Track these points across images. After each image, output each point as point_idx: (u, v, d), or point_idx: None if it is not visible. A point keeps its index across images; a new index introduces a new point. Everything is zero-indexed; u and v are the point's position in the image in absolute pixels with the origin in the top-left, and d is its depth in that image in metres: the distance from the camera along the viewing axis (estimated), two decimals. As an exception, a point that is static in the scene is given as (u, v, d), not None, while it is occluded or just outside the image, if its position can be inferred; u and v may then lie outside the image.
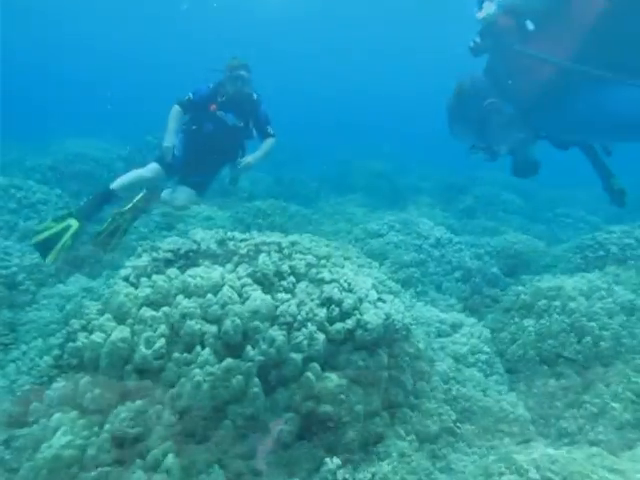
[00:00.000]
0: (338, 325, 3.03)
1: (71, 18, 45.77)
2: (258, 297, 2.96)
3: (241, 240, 3.55)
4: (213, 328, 2.82)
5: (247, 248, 3.41)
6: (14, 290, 4.86)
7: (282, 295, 3.14)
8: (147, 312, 2.90)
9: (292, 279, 3.31)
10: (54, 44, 48.88)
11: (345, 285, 3.29)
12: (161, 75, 44.46)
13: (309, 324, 2.95)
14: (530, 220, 12.17)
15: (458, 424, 3.47)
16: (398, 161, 19.75)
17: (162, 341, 2.79)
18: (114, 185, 4.86)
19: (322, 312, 3.04)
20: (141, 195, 5.09)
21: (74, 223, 4.57)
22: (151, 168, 5.04)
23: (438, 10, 42.94)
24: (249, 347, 2.79)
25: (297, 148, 19.34)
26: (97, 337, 2.83)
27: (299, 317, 2.96)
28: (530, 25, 2.86)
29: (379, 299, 3.39)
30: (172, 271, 3.21)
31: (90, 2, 41.99)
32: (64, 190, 8.64)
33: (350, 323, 3.06)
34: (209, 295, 2.95)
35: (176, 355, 2.78)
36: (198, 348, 2.79)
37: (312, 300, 3.12)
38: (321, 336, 2.93)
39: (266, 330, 2.86)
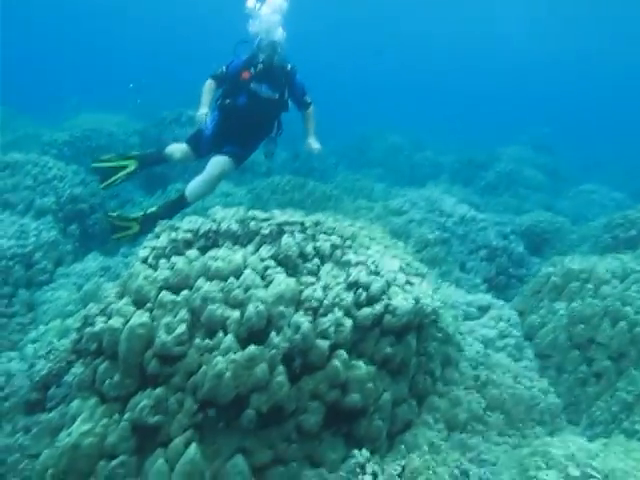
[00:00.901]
0: (366, 310, 2.89)
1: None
2: (282, 281, 2.82)
3: (263, 219, 3.39)
4: (236, 313, 2.70)
5: (269, 228, 3.26)
6: (31, 269, 4.79)
7: (307, 278, 3.00)
8: (167, 296, 2.79)
9: (317, 261, 3.17)
10: (67, 11, 48.42)
11: (372, 268, 3.14)
12: (178, 49, 43.87)
13: (336, 309, 2.81)
14: (554, 196, 11.89)
15: (488, 412, 3.34)
16: (416, 134, 19.39)
17: (183, 327, 2.67)
18: (166, 149, 5.18)
19: (349, 296, 2.90)
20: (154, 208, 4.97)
21: (132, 164, 4.98)
22: (178, 148, 4.96)
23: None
24: (273, 333, 2.66)
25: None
26: (115, 322, 2.73)
27: (325, 302, 2.82)
28: None
29: (407, 282, 3.24)
30: (192, 252, 3.08)
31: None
32: (80, 165, 8.55)
33: (378, 308, 2.92)
34: (231, 278, 2.82)
35: (197, 341, 2.67)
36: (220, 334, 2.67)
37: (338, 284, 2.98)
38: (348, 322, 2.80)
39: (291, 316, 2.73)
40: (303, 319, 2.70)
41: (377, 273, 3.12)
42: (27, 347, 3.73)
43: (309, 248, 3.17)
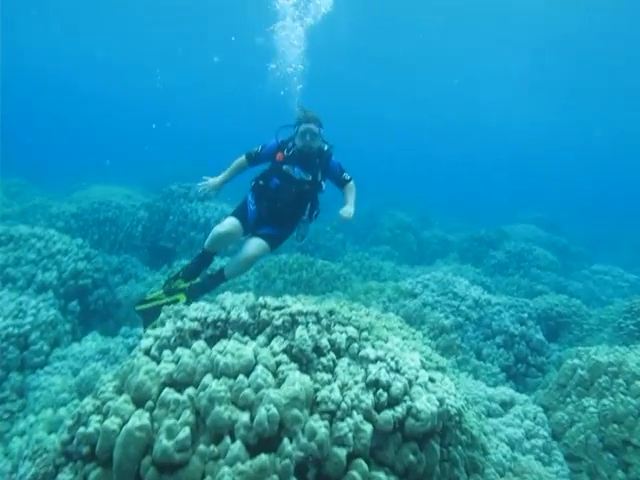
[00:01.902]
0: (387, 414, 2.62)
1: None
2: (296, 380, 2.58)
3: (274, 308, 3.19)
4: (245, 416, 2.44)
5: (282, 318, 3.04)
6: (26, 351, 4.53)
7: (322, 375, 2.76)
8: (170, 394, 2.54)
9: (332, 355, 2.94)
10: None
11: (392, 364, 2.90)
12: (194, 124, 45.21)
13: (354, 412, 2.56)
14: (565, 277, 11.65)
15: (520, 529, 3.00)
16: (422, 210, 19.50)
17: (186, 430, 2.40)
18: (205, 245, 4.89)
19: (368, 398, 2.64)
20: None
21: (182, 298, 4.69)
22: (225, 223, 4.82)
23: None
24: (286, 440, 2.39)
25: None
26: (112, 423, 2.46)
27: (343, 404, 2.56)
28: None
29: (430, 379, 2.99)
30: (199, 344, 2.85)
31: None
32: (86, 238, 8.46)
33: (400, 411, 2.66)
34: (241, 376, 2.58)
35: (202, 448, 2.40)
36: (227, 440, 2.41)
37: (356, 383, 2.74)
38: (368, 427, 2.53)
39: (306, 420, 2.47)
40: (319, 424, 2.44)
41: (398, 370, 2.88)
42: (13, 441, 3.43)
43: (324, 341, 2.95)
